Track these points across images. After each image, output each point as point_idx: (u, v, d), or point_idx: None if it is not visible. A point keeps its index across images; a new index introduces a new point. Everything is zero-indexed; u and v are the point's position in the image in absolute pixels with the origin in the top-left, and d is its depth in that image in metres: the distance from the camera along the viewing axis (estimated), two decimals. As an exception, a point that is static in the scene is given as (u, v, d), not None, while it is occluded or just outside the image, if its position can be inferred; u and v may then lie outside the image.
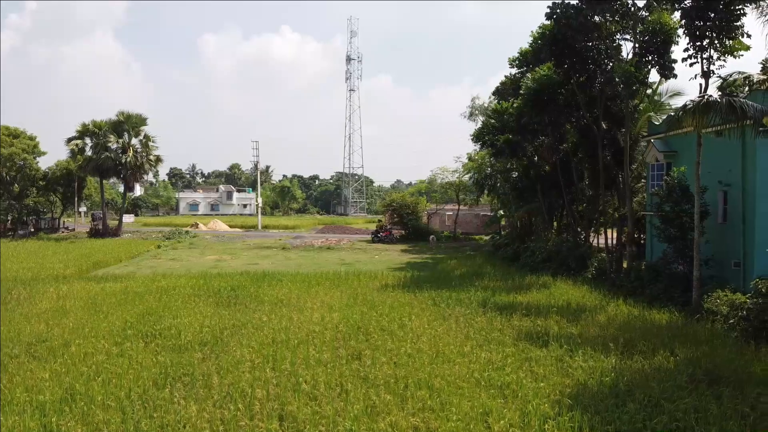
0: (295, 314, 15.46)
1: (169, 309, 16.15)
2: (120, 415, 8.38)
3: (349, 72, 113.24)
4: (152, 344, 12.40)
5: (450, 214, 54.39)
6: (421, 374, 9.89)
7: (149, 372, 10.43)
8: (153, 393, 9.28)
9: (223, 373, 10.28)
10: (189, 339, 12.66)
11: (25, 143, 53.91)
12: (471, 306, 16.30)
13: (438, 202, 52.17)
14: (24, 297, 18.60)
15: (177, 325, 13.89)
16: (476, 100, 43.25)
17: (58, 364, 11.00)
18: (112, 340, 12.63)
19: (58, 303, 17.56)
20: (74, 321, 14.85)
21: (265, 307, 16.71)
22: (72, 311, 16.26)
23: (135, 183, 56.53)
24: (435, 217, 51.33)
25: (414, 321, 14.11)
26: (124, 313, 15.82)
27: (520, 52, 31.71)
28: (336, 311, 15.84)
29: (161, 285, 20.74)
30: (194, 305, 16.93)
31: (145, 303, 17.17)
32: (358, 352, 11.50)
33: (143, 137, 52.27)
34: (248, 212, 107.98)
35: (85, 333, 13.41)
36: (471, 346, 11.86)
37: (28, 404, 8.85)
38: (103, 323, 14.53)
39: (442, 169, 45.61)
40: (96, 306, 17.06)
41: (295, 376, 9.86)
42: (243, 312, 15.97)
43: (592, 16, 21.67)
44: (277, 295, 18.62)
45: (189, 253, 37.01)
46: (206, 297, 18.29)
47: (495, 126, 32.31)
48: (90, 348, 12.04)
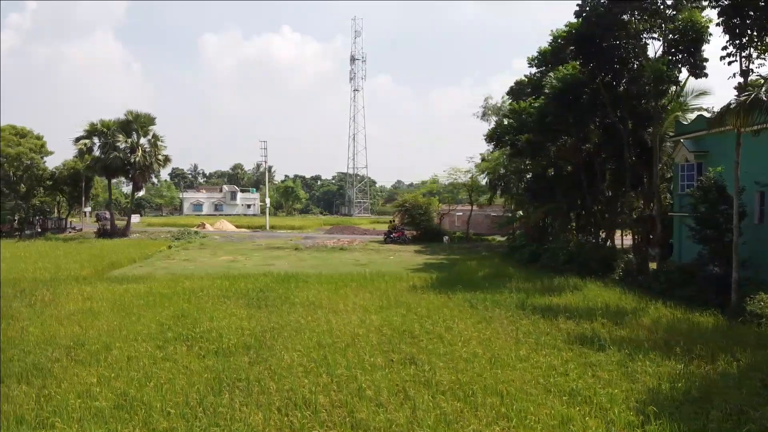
0: (331, 316, 15.16)
1: (201, 311, 15.81)
2: (184, 423, 8.06)
3: (353, 72, 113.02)
4: (195, 348, 12.07)
5: (459, 215, 54.11)
6: (485, 380, 9.58)
7: (200, 377, 10.11)
8: (212, 399, 8.95)
9: (278, 378, 9.97)
10: (233, 342, 12.33)
11: (32, 143, 53.53)
12: (509, 308, 16.01)
13: (449, 202, 51.88)
14: (48, 298, 18.22)
15: (216, 328, 13.57)
16: (489, 100, 43.09)
17: (103, 368, 10.68)
18: (153, 344, 12.29)
19: (85, 304, 17.21)
20: (107, 323, 14.52)
21: (297, 309, 16.38)
22: (101, 313, 15.92)
23: (143, 183, 56.14)
24: (446, 217, 51.05)
25: (458, 324, 13.81)
26: (155, 315, 15.48)
27: (540, 52, 31.50)
28: (373, 313, 15.53)
29: (185, 286, 20.39)
30: (225, 307, 16.60)
31: (174, 305, 16.83)
32: (410, 356, 11.19)
33: (152, 137, 51.84)
34: (252, 212, 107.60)
35: (122, 336, 13.09)
36: (525, 350, 11.56)
37: (85, 411, 8.52)
38: (137, 326, 14.20)
39: (454, 169, 45.39)
40: (124, 308, 16.72)
41: (355, 381, 9.55)
42: (277, 314, 15.64)
43: (621, 14, 21.41)
44: (307, 296, 18.29)
45: (201, 254, 36.64)
46: (235, 299, 17.96)
47: (513, 126, 32.07)
48: (132, 351, 11.72)
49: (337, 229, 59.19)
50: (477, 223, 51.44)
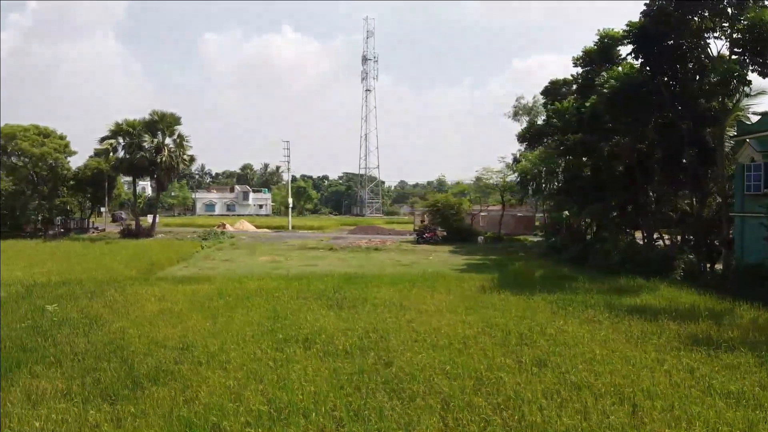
0: (424, 317, 15.03)
1: (290, 312, 15.66)
2: (361, 426, 7.93)
3: (365, 72, 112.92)
4: (312, 349, 11.92)
5: (484, 215, 53.96)
6: (634, 382, 9.45)
7: (336, 378, 9.97)
8: (366, 401, 8.80)
9: (418, 379, 9.81)
10: (348, 343, 12.19)
11: (56, 143, 53.33)
12: (600, 309, 15.87)
13: (480, 203, 51.73)
14: (121, 299, 18.03)
15: (320, 329, 13.43)
16: (521, 100, 42.88)
17: (231, 370, 10.52)
18: (267, 345, 12.13)
19: (163, 305, 16.98)
20: (199, 325, 14.34)
21: (383, 309, 16.23)
22: (185, 314, 15.72)
23: (168, 183, 55.96)
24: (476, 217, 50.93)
25: (563, 325, 13.68)
26: (245, 316, 15.31)
27: (584, 51, 31.32)
28: (463, 314, 15.40)
29: (252, 287, 20.18)
30: (308, 307, 16.45)
31: (258, 306, 16.65)
32: (538, 358, 11.06)
33: (177, 137, 51.73)
34: (264, 212, 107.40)
35: (228, 337, 12.89)
36: (648, 351, 11.43)
37: (247, 415, 8.36)
38: (232, 327, 14.03)
39: (485, 169, 45.24)
40: (204, 308, 16.53)
41: (503, 384, 9.42)
42: (367, 315, 15.48)
43: (688, 14, 21.29)
44: (383, 297, 18.12)
45: (238, 254, 36.47)
46: (313, 299, 17.78)
47: (557, 125, 31.94)
48: (250, 353, 11.57)
49: (360, 229, 59.00)
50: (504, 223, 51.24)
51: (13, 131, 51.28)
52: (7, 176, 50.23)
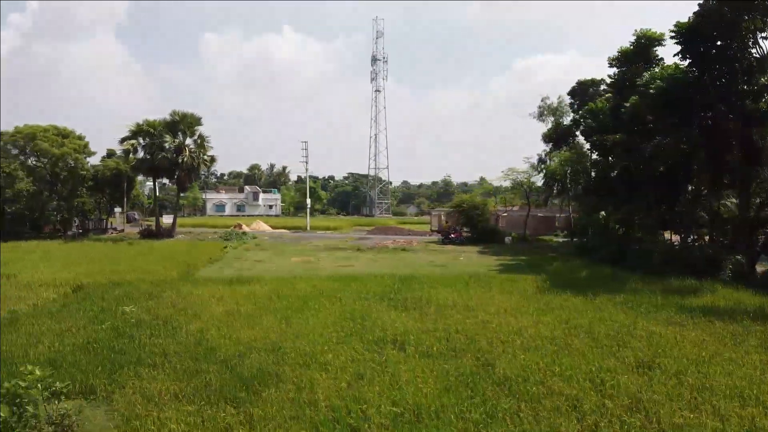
0: (495, 318, 14.97)
1: (360, 313, 15.58)
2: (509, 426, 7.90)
3: (374, 72, 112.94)
4: (408, 350, 11.86)
5: (503, 215, 53.91)
6: (754, 384, 9.42)
7: (450, 378, 9.95)
8: (495, 404, 8.77)
9: (547, 383, 9.77)
10: (440, 345, 12.15)
11: (75, 143, 53.19)
12: (672, 310, 15.82)
13: (505, 203, 51.69)
14: (181, 301, 17.90)
15: (404, 330, 13.39)
16: (546, 101, 42.87)
17: (335, 372, 10.45)
18: (361, 347, 12.08)
19: (228, 306, 16.85)
20: (275, 326, 14.23)
21: (450, 311, 16.15)
22: (254, 316, 15.58)
23: (188, 183, 55.87)
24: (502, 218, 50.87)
25: (651, 326, 13.64)
26: (314, 317, 15.25)
27: (620, 52, 31.27)
28: (535, 315, 15.37)
29: (307, 288, 20.09)
30: (375, 308, 16.39)
31: (323, 307, 16.57)
32: (640, 360, 11.01)
33: (197, 137, 51.60)
34: (274, 213, 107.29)
35: (310, 339, 12.84)
36: (750, 352, 11.41)
37: (385, 418, 8.31)
38: (308, 328, 13.95)
39: (511, 169, 45.23)
40: (269, 310, 16.40)
41: (638, 388, 9.39)
42: (437, 316, 15.41)
43: (742, 14, 21.28)
44: (443, 298, 18.01)
45: (267, 255, 36.35)
46: (375, 300, 17.71)
47: (591, 126, 31.92)
48: (348, 355, 11.51)
49: (379, 229, 58.91)
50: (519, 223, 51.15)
51: (33, 131, 51.18)
52: (27, 176, 50.07)
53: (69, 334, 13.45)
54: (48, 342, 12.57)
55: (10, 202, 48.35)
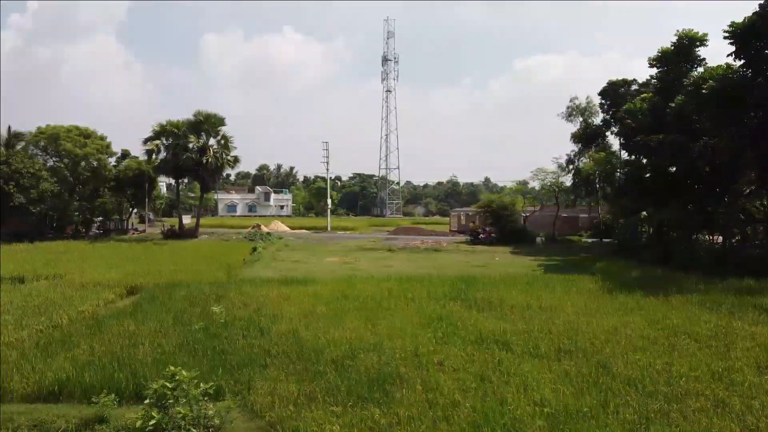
0: (581, 319, 14.91)
1: (441, 314, 15.52)
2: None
3: (385, 73, 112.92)
4: (516, 350, 11.82)
5: (526, 216, 53.86)
6: None
7: (575, 379, 9.90)
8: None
9: (679, 384, 9.72)
10: (543, 345, 12.10)
11: (98, 143, 53.14)
12: (753, 310, 15.77)
13: (534, 204, 51.67)
14: (252, 302, 17.72)
15: (501, 331, 13.35)
16: (575, 101, 42.82)
17: (461, 374, 10.40)
18: (471, 348, 12.02)
19: (301, 307, 16.79)
20: (363, 327, 14.12)
21: (526, 312, 16.08)
22: (335, 317, 15.39)
23: (212, 184, 55.82)
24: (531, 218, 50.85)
25: (755, 328, 13.59)
26: (397, 318, 15.18)
27: (661, 52, 31.22)
28: (617, 315, 15.33)
29: (369, 289, 19.91)
30: (453, 309, 16.31)
31: (399, 308, 16.53)
32: (759, 361, 10.97)
33: (221, 137, 51.57)
34: (285, 213, 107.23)
35: (409, 340, 12.74)
36: None
37: (541, 417, 8.27)
38: (396, 328, 13.83)
39: (539, 170, 45.21)
40: (345, 311, 16.26)
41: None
42: (518, 317, 15.38)
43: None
44: (512, 299, 17.88)
45: (301, 255, 36.30)
46: (446, 301, 17.64)
47: (631, 126, 31.89)
48: (457, 356, 11.46)
49: (401, 230, 58.88)
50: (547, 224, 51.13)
51: (56, 132, 51.14)
52: (51, 177, 50.01)
53: (161, 335, 13.39)
54: (148, 343, 12.50)
55: (36, 202, 48.25)
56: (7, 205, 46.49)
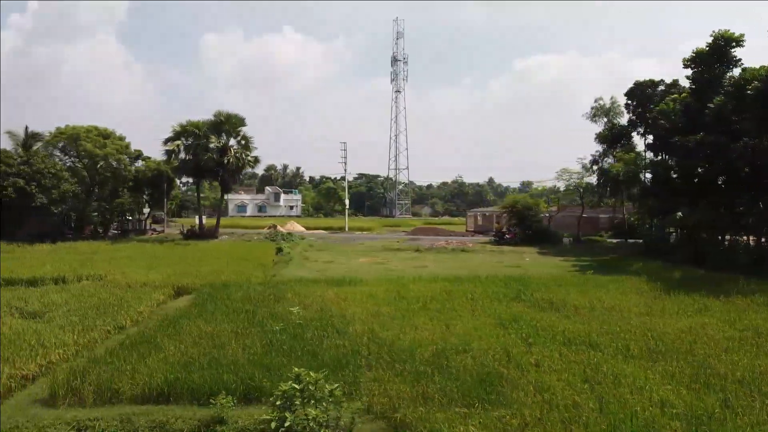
0: (654, 320, 14.97)
1: (511, 314, 15.52)
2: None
3: (394, 73, 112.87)
4: (604, 352, 11.82)
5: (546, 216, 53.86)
6: None
7: (683, 381, 9.90)
8: None
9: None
10: (631, 345, 12.11)
11: (117, 144, 53.04)
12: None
13: (559, 204, 51.67)
14: (312, 303, 17.67)
15: (577, 331, 13.37)
16: (600, 101, 42.85)
17: (563, 374, 10.41)
18: (558, 349, 12.03)
19: (364, 308, 16.74)
20: (436, 328, 14.12)
21: (594, 312, 16.13)
22: (401, 317, 15.47)
23: (232, 184, 55.77)
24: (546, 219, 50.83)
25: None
26: (465, 319, 15.21)
27: (696, 52, 31.19)
28: (688, 316, 15.38)
29: (421, 289, 19.97)
30: (519, 309, 16.33)
31: (464, 308, 16.56)
32: None
33: (241, 138, 51.53)
34: (294, 214, 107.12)
35: (492, 340, 12.78)
36: None
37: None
38: (470, 328, 13.88)
39: (563, 170, 45.26)
40: (411, 311, 16.28)
41: None
42: (587, 318, 15.39)
43: None
44: (572, 299, 17.90)
45: (331, 255, 36.27)
46: (508, 301, 17.68)
47: (665, 127, 31.91)
48: (550, 357, 11.47)
49: (420, 230, 58.91)
50: (567, 224, 51.17)
51: (77, 132, 51.04)
52: (72, 177, 49.95)
53: (242, 336, 13.36)
54: (234, 344, 12.48)
55: (57, 202, 48.20)
56: (29, 206, 46.43)
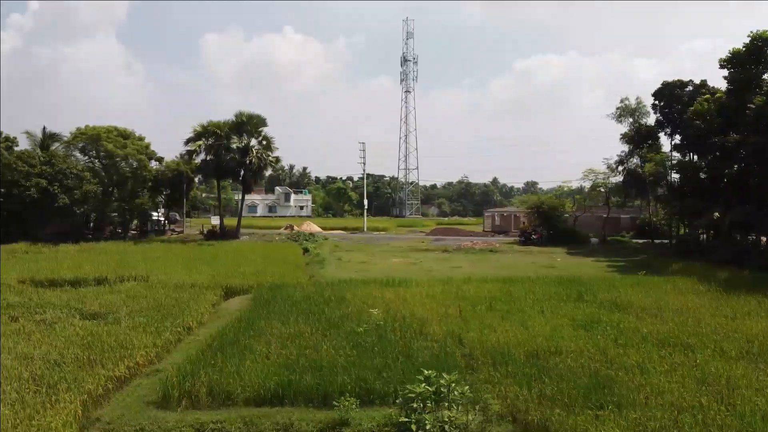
0: (737, 322, 14.85)
1: (588, 317, 15.47)
2: None
3: (404, 74, 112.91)
4: (701, 354, 11.76)
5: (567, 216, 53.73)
6: None
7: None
8: None
9: None
10: (731, 348, 12.07)
11: (137, 144, 52.90)
12: None
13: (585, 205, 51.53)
14: (375, 304, 17.51)
15: (667, 333, 13.33)
16: (625, 101, 42.75)
17: (681, 379, 10.34)
18: (655, 351, 11.99)
19: (434, 309, 16.64)
20: (515, 329, 14.05)
21: (664, 314, 16.05)
22: (474, 318, 15.47)
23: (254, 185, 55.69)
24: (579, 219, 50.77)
25: None
26: (537, 320, 15.15)
27: (732, 53, 31.11)
28: (757, 318, 15.36)
29: (476, 290, 19.88)
30: (591, 311, 16.26)
31: (528, 309, 16.51)
32: None
33: (262, 138, 51.42)
34: (305, 214, 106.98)
35: (582, 342, 12.72)
36: None
37: None
38: (549, 330, 13.84)
39: (589, 170, 45.18)
40: (481, 312, 16.25)
41: None
42: (663, 319, 15.35)
43: None
44: (637, 301, 17.77)
45: (362, 256, 36.15)
46: (572, 302, 17.65)
47: (700, 127, 31.89)
48: (650, 359, 11.42)
49: (440, 231, 58.87)
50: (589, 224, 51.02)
51: (97, 132, 50.93)
52: (93, 178, 49.85)
53: (326, 337, 13.29)
54: (326, 346, 12.40)
55: (79, 203, 48.10)
56: (52, 206, 46.32)
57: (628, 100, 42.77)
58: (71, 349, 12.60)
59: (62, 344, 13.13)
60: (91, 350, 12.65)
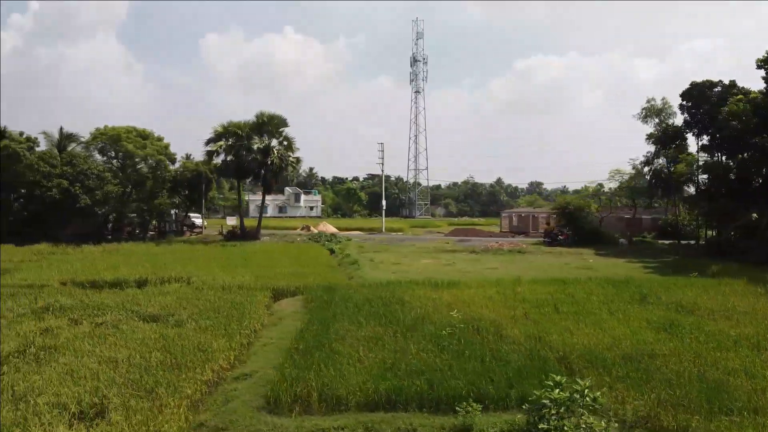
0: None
1: (646, 319, 15.34)
2: None
3: (414, 74, 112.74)
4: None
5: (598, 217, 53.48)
6: None
7: None
8: None
9: None
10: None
11: (156, 144, 52.73)
12: None
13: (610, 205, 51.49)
14: (441, 306, 17.42)
15: (740, 336, 13.22)
16: (651, 102, 42.63)
17: None
18: (753, 354, 11.86)
19: (500, 310, 16.53)
20: (589, 330, 13.95)
21: (737, 315, 15.93)
22: (545, 320, 15.36)
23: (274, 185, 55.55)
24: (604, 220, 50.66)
25: None
26: (610, 322, 15.02)
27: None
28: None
29: (530, 292, 19.76)
30: (661, 314, 16.14)
31: (596, 311, 16.38)
32: None
33: (283, 138, 51.27)
34: (315, 214, 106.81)
35: (665, 345, 12.60)
36: None
37: None
38: (625, 333, 13.69)
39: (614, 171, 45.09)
40: (547, 315, 16.13)
41: None
42: (736, 321, 15.22)
43: None
44: (703, 304, 17.57)
45: (393, 257, 35.88)
46: (625, 303, 17.52)
47: (737, 128, 31.79)
48: (736, 360, 11.30)
49: (459, 231, 58.70)
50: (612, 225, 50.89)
51: (117, 133, 50.76)
52: (114, 178, 49.70)
53: (411, 340, 13.11)
54: (413, 349, 12.24)
55: (100, 203, 47.94)
56: (73, 207, 46.14)
57: (654, 100, 42.66)
58: (153, 353, 12.43)
59: (140, 347, 12.98)
60: (171, 354, 12.49)
